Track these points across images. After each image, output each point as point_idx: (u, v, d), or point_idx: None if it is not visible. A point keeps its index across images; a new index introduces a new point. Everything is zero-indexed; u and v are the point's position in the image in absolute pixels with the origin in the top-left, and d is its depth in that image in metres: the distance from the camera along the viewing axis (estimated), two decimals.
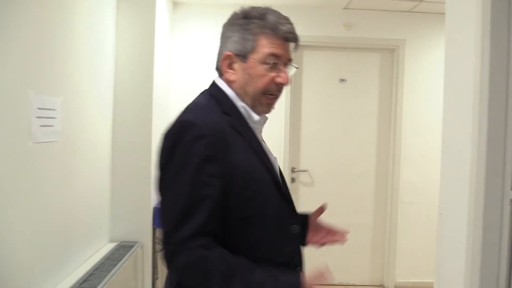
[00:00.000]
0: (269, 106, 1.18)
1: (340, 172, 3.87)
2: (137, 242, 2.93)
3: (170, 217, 1.03)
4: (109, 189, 2.91)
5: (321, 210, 1.32)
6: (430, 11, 3.68)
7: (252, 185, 1.07)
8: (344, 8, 3.68)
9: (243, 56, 1.13)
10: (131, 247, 2.82)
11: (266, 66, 1.12)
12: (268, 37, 1.12)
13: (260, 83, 1.13)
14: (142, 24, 2.96)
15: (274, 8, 1.17)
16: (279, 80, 1.13)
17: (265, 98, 1.15)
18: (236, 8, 1.18)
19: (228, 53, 1.15)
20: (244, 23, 1.14)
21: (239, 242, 1.07)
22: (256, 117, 1.16)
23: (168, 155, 1.06)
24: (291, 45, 1.16)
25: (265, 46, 1.11)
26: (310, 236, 1.30)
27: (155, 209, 3.05)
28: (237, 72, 1.15)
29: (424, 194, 3.80)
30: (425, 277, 3.73)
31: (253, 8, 1.15)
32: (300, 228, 1.18)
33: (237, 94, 1.16)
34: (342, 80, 3.84)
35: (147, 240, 3.00)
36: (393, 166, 3.83)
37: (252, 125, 1.17)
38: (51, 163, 2.02)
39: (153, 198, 3.10)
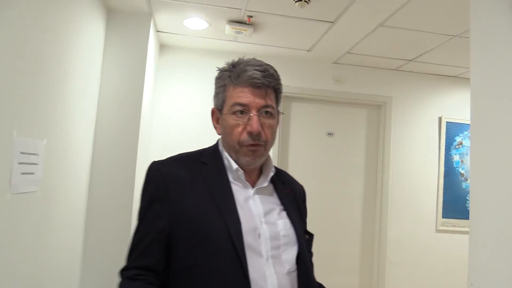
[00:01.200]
0: (252, 155, 1.14)
1: (325, 229, 3.69)
2: None
3: None
4: (80, 248, 2.56)
5: None
6: (417, 71, 3.76)
7: (198, 233, 1.05)
8: (333, 63, 3.68)
9: (220, 110, 1.17)
10: None
11: (234, 117, 1.12)
12: (233, 86, 1.13)
13: (233, 135, 1.13)
14: (131, 65, 2.77)
15: (262, 58, 1.14)
16: (248, 129, 1.11)
17: (244, 149, 1.13)
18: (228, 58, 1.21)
19: (213, 108, 1.21)
20: (217, 77, 1.19)
21: None
22: (234, 166, 1.15)
23: None
24: (265, 90, 1.12)
25: (231, 96, 1.13)
26: None
27: None
28: (220, 126, 1.19)
29: (412, 254, 3.68)
30: None
31: (233, 60, 1.17)
32: None
33: (224, 146, 1.19)
34: (329, 134, 3.77)
35: None
36: (380, 224, 3.72)
37: (238, 176, 1.16)
38: (27, 219, 1.70)
39: None
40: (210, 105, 4.03)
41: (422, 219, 3.75)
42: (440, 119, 3.83)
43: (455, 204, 3.78)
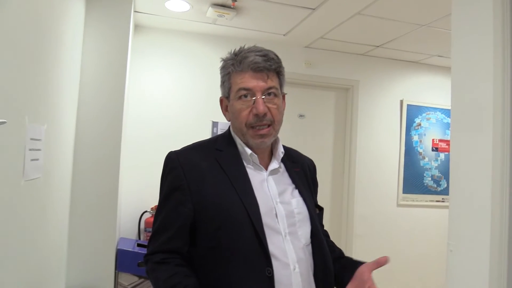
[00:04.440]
0: (260, 138, 1.20)
1: None
2: None
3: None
4: (66, 229, 2.54)
5: (378, 263, 1.23)
6: (383, 56, 3.98)
7: (220, 217, 1.12)
8: (305, 47, 3.80)
9: (227, 97, 1.24)
10: None
11: (241, 101, 1.18)
12: (237, 73, 1.19)
13: (240, 118, 1.20)
14: (113, 46, 2.71)
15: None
16: (254, 111, 1.17)
17: (251, 131, 1.20)
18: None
19: (221, 97, 1.27)
20: (221, 66, 1.24)
21: (210, 270, 1.12)
22: (248, 151, 1.21)
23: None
24: (267, 73, 1.18)
25: (236, 83, 1.19)
26: (350, 285, 1.22)
27: (118, 251, 2.73)
28: (229, 113, 1.25)
29: (376, 227, 3.99)
30: None
31: (234, 49, 1.24)
32: (272, 272, 1.11)
33: (234, 131, 1.26)
34: (301, 116, 3.93)
35: (108, 287, 2.65)
36: (348, 200, 3.97)
37: (252, 160, 1.23)
38: (34, 205, 1.69)
39: (117, 239, 2.79)
40: (186, 87, 4.12)
41: (385, 195, 4.05)
42: (401, 102, 4.11)
43: (414, 180, 4.11)
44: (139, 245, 3.01)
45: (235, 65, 1.18)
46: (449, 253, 1.93)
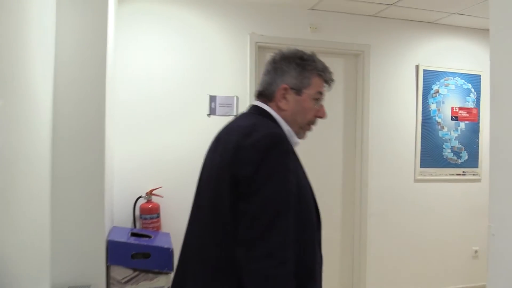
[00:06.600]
0: (306, 134, 1.40)
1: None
2: (89, 286, 2.31)
3: (259, 223, 1.09)
4: (48, 220, 2.26)
5: None
6: (396, 17, 3.60)
7: (305, 196, 1.27)
8: (310, 9, 3.43)
9: (297, 90, 1.32)
10: None
11: (314, 102, 1.34)
12: (319, 78, 1.33)
13: (309, 115, 1.35)
14: (91, 16, 2.37)
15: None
16: (319, 114, 1.36)
17: (308, 127, 1.37)
18: (281, 48, 1.40)
19: (285, 85, 1.32)
20: (302, 63, 1.32)
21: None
22: (297, 139, 1.36)
23: (257, 165, 1.13)
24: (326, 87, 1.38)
25: (317, 85, 1.33)
26: None
27: (109, 243, 2.46)
28: (289, 103, 1.33)
29: (392, 205, 3.69)
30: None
31: (299, 51, 1.36)
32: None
33: (285, 120, 1.33)
34: None
35: (100, 283, 2.39)
36: (361, 176, 3.66)
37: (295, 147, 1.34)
38: None
39: (106, 229, 2.51)
40: (178, 58, 3.57)
41: (401, 170, 3.75)
42: (417, 67, 3.75)
43: (432, 153, 3.79)
44: (133, 234, 2.74)
45: (319, 70, 1.32)
46: (491, 237, 1.64)
